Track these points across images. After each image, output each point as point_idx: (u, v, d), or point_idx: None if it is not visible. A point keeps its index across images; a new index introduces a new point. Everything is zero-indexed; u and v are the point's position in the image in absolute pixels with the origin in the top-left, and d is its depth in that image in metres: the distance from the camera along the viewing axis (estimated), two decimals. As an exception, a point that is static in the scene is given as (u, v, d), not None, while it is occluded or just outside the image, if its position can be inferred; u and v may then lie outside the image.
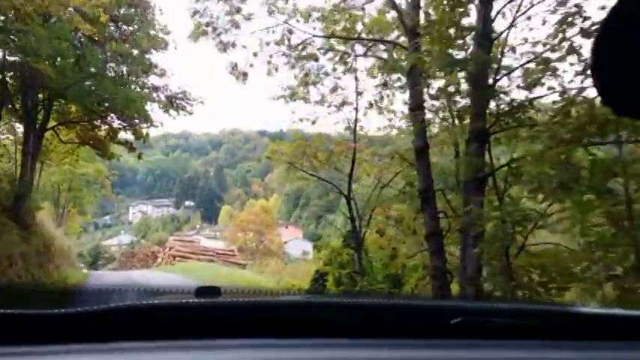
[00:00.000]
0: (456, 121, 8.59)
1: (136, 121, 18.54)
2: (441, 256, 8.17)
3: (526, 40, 7.26)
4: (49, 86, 13.75)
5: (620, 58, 0.86)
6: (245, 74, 13.66)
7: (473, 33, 7.55)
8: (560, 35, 6.28)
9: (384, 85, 14.81)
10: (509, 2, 7.58)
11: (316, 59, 13.89)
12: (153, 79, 19.31)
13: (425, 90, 9.18)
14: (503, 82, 7.42)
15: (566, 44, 6.21)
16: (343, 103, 15.49)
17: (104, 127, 19.61)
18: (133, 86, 17.93)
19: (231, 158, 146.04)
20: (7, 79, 15.31)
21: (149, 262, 53.97)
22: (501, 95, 7.14)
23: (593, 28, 5.60)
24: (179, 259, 33.22)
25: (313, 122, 15.67)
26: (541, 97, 6.95)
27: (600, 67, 0.89)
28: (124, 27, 17.58)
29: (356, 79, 15.21)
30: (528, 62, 7.06)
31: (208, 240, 64.03)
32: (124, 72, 17.23)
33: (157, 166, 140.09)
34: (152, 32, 18.11)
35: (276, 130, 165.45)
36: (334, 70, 14.48)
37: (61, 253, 19.02)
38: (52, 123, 18.15)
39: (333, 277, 15.54)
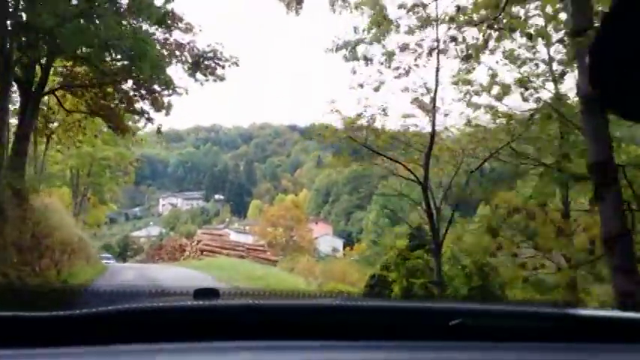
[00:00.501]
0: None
1: (155, 87, 14.95)
2: (631, 273, 4.79)
3: None
4: (33, 25, 10.42)
5: (619, 59, 0.85)
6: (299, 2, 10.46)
7: None
8: None
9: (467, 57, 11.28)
10: None
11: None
12: (176, 35, 15.77)
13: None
14: None
15: None
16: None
17: (117, 95, 15.90)
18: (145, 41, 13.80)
19: (261, 152, 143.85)
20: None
21: (176, 255, 51.40)
22: None
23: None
24: (207, 253, 30.27)
25: (376, 89, 12.27)
26: None
27: (598, 69, 0.88)
28: None
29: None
30: None
31: (237, 234, 61.20)
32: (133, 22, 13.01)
33: (188, 158, 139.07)
34: None
35: (307, 125, 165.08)
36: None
37: (69, 244, 16.14)
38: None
39: (399, 285, 12.18)
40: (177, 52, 15.19)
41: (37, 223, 12.73)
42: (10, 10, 11.12)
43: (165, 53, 14.72)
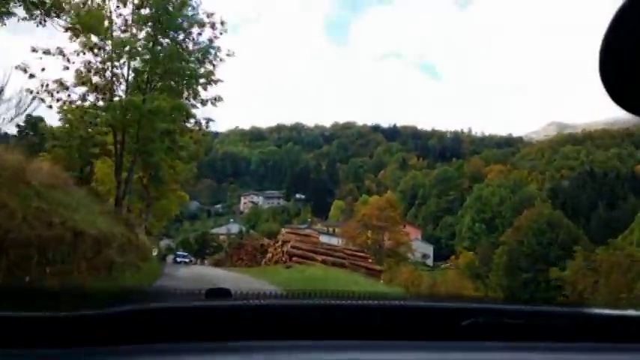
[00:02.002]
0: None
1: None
2: None
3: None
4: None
5: (629, 57, 0.85)
6: None
7: None
8: None
9: None
10: None
11: None
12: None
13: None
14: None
15: None
16: None
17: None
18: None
19: (343, 152, 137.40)
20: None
21: (257, 257, 44.51)
22: None
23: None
24: (298, 258, 22.71)
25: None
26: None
27: (609, 66, 0.87)
28: None
29: None
30: None
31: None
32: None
33: (270, 157, 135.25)
34: None
35: (390, 125, 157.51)
36: None
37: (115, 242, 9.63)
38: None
39: None
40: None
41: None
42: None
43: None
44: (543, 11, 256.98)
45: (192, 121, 18.14)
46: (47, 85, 15.90)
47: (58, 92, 16.02)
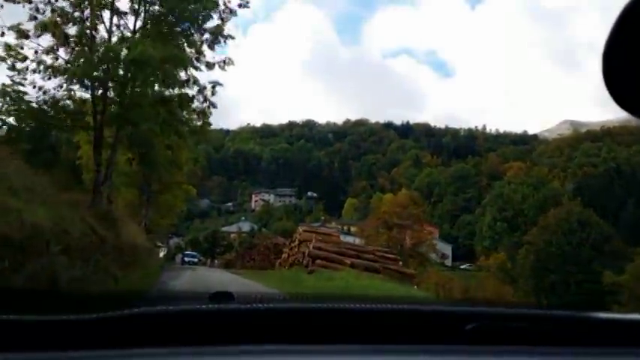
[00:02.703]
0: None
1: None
2: None
3: None
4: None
5: (632, 60, 0.85)
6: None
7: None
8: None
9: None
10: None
11: None
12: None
13: None
14: None
15: None
16: None
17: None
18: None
19: (355, 150, 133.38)
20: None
21: (271, 258, 40.69)
22: None
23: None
24: (322, 261, 18.82)
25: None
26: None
27: (612, 69, 0.86)
28: None
29: None
30: None
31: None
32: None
33: (281, 154, 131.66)
34: None
35: (403, 123, 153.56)
36: None
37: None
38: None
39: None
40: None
41: None
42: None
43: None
44: (554, 9, 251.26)
45: (195, 89, 13.95)
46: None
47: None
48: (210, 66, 13.95)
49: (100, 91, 12.63)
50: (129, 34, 12.58)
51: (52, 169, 12.43)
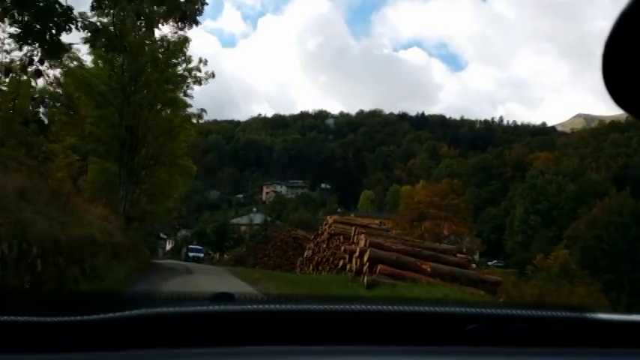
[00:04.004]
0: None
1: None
2: None
3: None
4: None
5: (632, 60, 0.82)
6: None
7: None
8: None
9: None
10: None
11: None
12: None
13: None
14: None
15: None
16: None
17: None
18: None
19: (369, 141, 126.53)
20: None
21: (288, 253, 33.71)
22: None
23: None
24: (386, 267, 11.59)
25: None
26: None
27: (612, 70, 0.84)
28: None
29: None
30: None
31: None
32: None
33: (293, 145, 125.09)
34: None
35: (418, 114, 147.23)
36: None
37: None
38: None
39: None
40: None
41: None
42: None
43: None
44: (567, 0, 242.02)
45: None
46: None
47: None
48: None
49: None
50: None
51: None
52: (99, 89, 17.47)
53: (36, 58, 7.94)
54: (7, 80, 9.42)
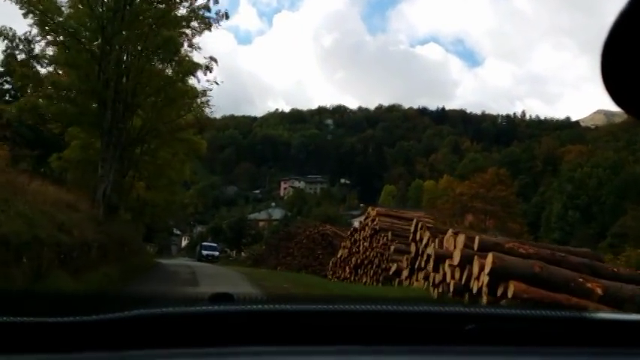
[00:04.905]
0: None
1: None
2: None
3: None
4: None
5: (632, 59, 0.80)
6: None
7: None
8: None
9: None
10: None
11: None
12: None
13: None
14: None
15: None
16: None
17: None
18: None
19: (388, 136, 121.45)
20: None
21: (316, 253, 28.65)
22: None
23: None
24: (523, 289, 6.46)
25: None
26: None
27: (611, 69, 0.82)
28: None
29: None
30: None
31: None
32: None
33: (311, 140, 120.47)
34: None
35: (438, 109, 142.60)
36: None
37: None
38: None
39: None
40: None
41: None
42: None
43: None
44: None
45: None
46: None
47: None
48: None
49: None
50: None
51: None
52: (67, 25, 12.52)
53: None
54: None
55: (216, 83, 15.60)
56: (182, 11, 13.78)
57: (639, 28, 0.74)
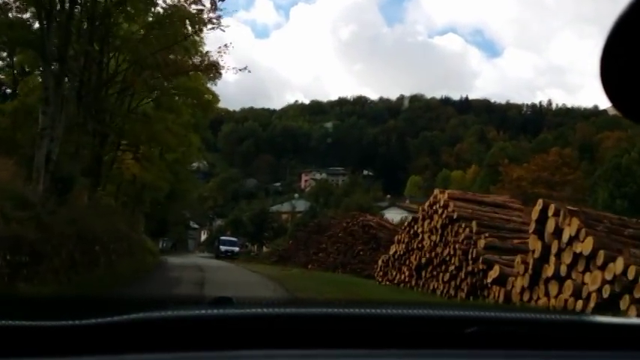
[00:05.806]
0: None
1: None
2: None
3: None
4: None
5: (630, 61, 0.79)
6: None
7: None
8: None
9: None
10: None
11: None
12: None
13: None
14: None
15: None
16: None
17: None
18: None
19: (411, 126, 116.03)
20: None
21: (358, 251, 23.69)
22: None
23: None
24: None
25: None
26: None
27: (609, 71, 0.81)
28: None
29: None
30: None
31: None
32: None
33: (332, 132, 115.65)
34: None
35: (462, 98, 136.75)
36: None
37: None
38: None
39: None
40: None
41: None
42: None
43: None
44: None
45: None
46: None
47: None
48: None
49: None
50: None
51: None
52: None
53: None
54: None
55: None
56: None
57: (638, 33, 0.72)
